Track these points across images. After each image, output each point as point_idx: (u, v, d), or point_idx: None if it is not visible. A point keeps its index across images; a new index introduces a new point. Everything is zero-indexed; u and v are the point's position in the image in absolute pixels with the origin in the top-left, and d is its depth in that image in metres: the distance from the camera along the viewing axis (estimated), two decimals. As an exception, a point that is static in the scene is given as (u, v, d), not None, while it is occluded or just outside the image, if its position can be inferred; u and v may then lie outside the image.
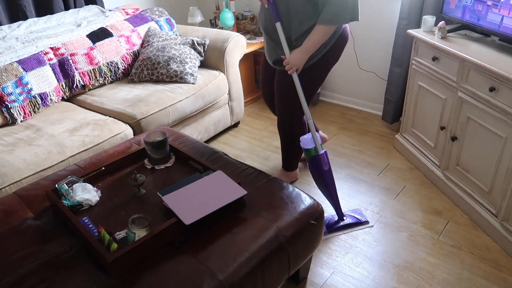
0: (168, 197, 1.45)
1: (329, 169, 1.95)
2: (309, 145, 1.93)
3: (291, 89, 1.96)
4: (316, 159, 1.92)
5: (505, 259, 1.82)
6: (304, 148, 1.96)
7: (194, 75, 2.63)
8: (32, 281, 1.24)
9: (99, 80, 2.62)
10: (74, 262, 1.31)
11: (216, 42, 2.79)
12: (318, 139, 1.93)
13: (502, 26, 1.86)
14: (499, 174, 1.83)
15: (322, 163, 1.92)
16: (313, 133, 1.93)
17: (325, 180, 1.95)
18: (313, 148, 1.93)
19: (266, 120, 3.16)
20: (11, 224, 1.48)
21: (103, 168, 1.70)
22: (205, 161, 1.72)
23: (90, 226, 1.42)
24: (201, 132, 2.73)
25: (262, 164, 2.62)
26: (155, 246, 1.32)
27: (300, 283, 1.76)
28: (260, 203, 1.52)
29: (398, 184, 2.34)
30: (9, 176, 1.83)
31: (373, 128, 2.96)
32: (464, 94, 1.96)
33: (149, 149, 1.75)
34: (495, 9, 1.88)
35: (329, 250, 1.93)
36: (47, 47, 2.43)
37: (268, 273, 1.37)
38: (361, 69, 3.08)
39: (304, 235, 1.48)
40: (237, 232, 1.39)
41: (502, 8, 1.84)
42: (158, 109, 2.36)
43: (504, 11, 1.83)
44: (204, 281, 1.22)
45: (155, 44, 2.71)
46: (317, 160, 1.92)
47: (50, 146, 2.00)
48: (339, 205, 2.01)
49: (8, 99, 2.20)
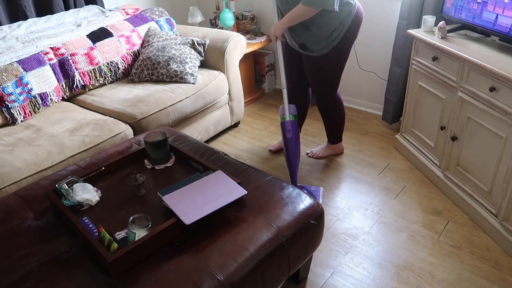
0: (168, 197, 1.45)
1: (292, 138, 2.17)
2: (281, 113, 2.26)
3: (324, 72, 2.26)
4: (283, 125, 2.21)
5: (505, 259, 1.82)
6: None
7: (194, 75, 2.63)
8: (32, 281, 1.24)
9: (99, 80, 2.62)
10: (74, 262, 1.31)
11: (216, 42, 2.79)
12: (288, 108, 2.22)
13: (497, 24, 1.86)
14: (499, 174, 1.83)
15: (285, 130, 2.18)
16: (285, 102, 2.22)
17: (286, 146, 2.20)
18: (283, 116, 2.23)
19: (266, 120, 3.16)
20: (11, 224, 1.49)
21: (103, 168, 1.70)
22: (205, 161, 1.72)
23: (90, 226, 1.42)
24: (201, 132, 2.73)
25: (262, 164, 2.62)
26: (155, 246, 1.32)
27: (300, 283, 1.76)
28: (260, 203, 1.52)
29: (398, 184, 2.34)
30: (9, 176, 1.83)
31: (373, 128, 2.96)
32: (464, 94, 1.96)
33: (149, 149, 1.75)
34: (490, 7, 1.88)
35: (329, 250, 1.93)
36: (47, 47, 2.43)
37: (268, 273, 1.37)
38: (361, 69, 3.07)
39: (304, 235, 1.48)
40: (237, 232, 1.39)
41: (497, 7, 1.84)
42: (158, 109, 2.36)
43: (499, 10, 1.83)
44: (204, 281, 1.22)
45: (155, 44, 2.71)
46: (283, 127, 2.20)
47: (50, 146, 2.00)
48: (294, 174, 2.23)
49: (8, 99, 2.20)
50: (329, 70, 2.25)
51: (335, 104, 2.44)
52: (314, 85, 2.37)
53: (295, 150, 2.18)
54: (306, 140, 2.85)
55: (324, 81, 2.31)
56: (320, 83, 2.33)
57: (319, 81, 2.32)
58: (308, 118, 3.13)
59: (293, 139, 2.17)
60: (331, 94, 2.38)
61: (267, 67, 3.56)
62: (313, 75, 2.31)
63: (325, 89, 2.35)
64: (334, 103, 2.43)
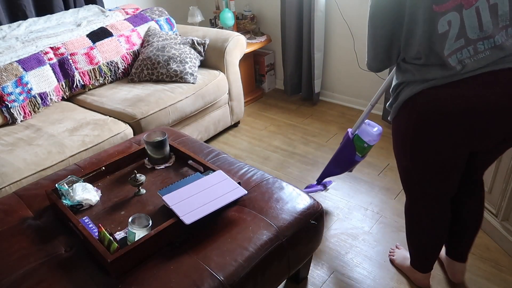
0: (168, 197, 1.45)
1: (339, 148, 1.98)
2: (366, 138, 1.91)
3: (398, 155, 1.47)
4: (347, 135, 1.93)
5: (505, 259, 1.82)
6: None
7: (194, 74, 2.63)
8: (32, 281, 1.24)
9: (99, 80, 2.62)
10: (74, 262, 1.31)
11: (216, 42, 2.79)
12: (363, 125, 1.89)
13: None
14: (499, 174, 1.82)
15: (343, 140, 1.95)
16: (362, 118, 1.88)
17: (340, 151, 1.99)
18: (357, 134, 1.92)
19: (266, 120, 3.16)
20: (11, 224, 1.48)
21: (103, 168, 1.70)
22: (205, 161, 1.71)
23: (90, 226, 1.42)
24: (201, 132, 2.73)
25: (262, 164, 2.62)
26: (155, 246, 1.32)
27: (300, 283, 1.76)
28: (260, 203, 1.52)
29: (398, 184, 2.34)
30: (9, 176, 1.83)
31: (373, 128, 2.96)
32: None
33: (149, 149, 1.75)
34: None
35: (329, 250, 1.93)
36: (47, 47, 2.42)
37: (268, 273, 1.37)
38: (361, 69, 3.07)
39: (304, 235, 1.48)
40: (237, 232, 1.39)
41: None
42: (158, 108, 2.36)
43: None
44: (204, 281, 1.22)
45: (155, 43, 2.71)
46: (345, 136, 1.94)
47: (50, 146, 2.00)
48: (324, 175, 2.12)
49: (8, 99, 2.20)
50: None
51: (419, 217, 1.58)
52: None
53: (335, 159, 2.01)
54: (306, 140, 2.85)
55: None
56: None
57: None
58: (308, 118, 3.14)
59: (339, 150, 1.97)
60: (407, 196, 1.58)
61: (267, 67, 3.56)
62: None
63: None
64: (419, 214, 1.57)
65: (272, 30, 3.49)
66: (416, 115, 1.27)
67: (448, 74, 1.16)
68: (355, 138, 1.91)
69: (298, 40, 3.20)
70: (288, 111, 3.28)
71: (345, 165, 2.03)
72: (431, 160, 1.34)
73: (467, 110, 1.17)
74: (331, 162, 2.05)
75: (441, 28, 1.14)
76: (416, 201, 1.53)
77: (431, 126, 1.25)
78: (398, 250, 1.87)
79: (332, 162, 2.05)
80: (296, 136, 2.91)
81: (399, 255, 1.83)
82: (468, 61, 1.14)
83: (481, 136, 1.23)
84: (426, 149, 1.32)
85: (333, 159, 2.04)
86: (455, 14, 1.12)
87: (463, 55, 1.15)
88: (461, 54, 1.15)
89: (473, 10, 1.12)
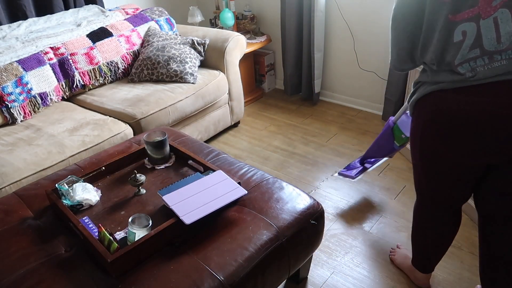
0: (168, 197, 1.45)
1: (380, 133, 2.00)
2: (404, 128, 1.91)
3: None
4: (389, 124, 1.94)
5: (505, 259, 1.82)
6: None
7: (194, 74, 2.63)
8: (32, 281, 1.24)
9: (99, 80, 2.62)
10: (74, 262, 1.31)
11: (216, 42, 2.79)
12: (404, 117, 1.87)
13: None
14: None
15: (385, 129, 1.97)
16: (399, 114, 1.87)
17: (381, 138, 2.01)
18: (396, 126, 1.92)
19: (266, 120, 3.16)
20: (11, 224, 1.48)
21: (103, 168, 1.70)
22: (205, 161, 1.71)
23: (90, 226, 1.42)
24: (201, 132, 2.73)
25: (262, 164, 2.62)
26: (155, 246, 1.32)
27: (300, 283, 1.76)
28: (260, 203, 1.52)
29: (398, 184, 2.34)
30: (9, 176, 1.83)
31: (373, 128, 2.96)
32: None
33: (149, 149, 1.75)
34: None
35: (329, 250, 1.93)
36: (47, 47, 2.42)
37: (268, 273, 1.37)
38: (361, 69, 3.07)
39: (304, 235, 1.48)
40: (237, 232, 1.39)
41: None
42: (158, 108, 2.36)
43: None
44: (204, 281, 1.22)
45: (155, 43, 2.71)
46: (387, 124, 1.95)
47: (50, 146, 2.00)
48: (365, 157, 2.19)
49: (8, 99, 2.20)
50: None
51: (416, 212, 1.61)
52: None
53: (372, 148, 2.08)
54: (306, 140, 2.85)
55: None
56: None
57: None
58: (308, 118, 3.14)
59: (376, 142, 2.04)
60: (417, 196, 1.58)
61: (267, 67, 3.56)
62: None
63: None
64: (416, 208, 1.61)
65: (272, 30, 3.49)
66: (424, 115, 1.28)
67: (457, 79, 1.14)
68: (395, 128, 1.91)
69: (298, 40, 3.20)
70: (288, 111, 3.28)
71: (384, 151, 2.06)
72: (437, 163, 1.34)
73: (472, 117, 1.15)
74: (373, 145, 2.10)
75: (456, 38, 1.12)
76: (423, 203, 1.53)
77: (437, 129, 1.25)
78: (399, 250, 1.87)
79: (373, 145, 2.09)
80: (296, 136, 2.91)
81: (400, 254, 1.84)
82: (481, 69, 1.11)
83: (486, 146, 1.19)
84: (432, 150, 1.32)
85: (375, 143, 2.08)
86: (471, 24, 1.10)
87: (477, 63, 1.12)
88: (474, 63, 1.12)
89: (490, 20, 1.08)
